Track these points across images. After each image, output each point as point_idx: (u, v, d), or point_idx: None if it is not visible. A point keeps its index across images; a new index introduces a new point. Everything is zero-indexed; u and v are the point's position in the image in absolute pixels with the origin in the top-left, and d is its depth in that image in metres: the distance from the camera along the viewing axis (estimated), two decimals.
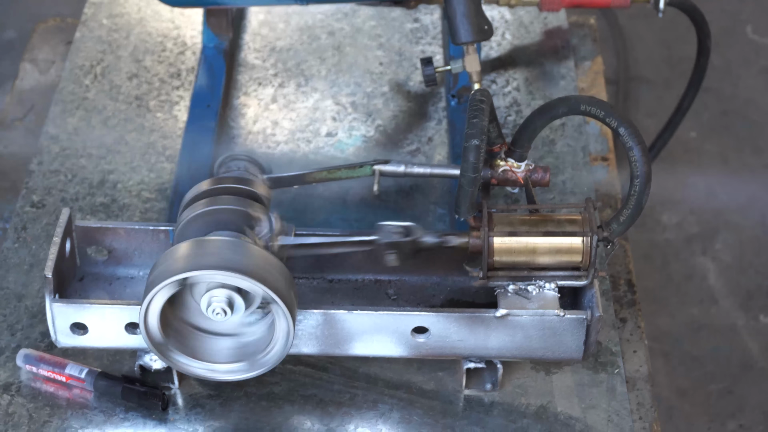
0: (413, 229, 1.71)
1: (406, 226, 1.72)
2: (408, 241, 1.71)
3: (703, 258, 3.07)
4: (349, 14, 2.36)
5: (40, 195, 2.02)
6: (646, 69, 3.52)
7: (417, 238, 1.71)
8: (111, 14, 2.35)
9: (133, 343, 1.70)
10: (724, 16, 3.67)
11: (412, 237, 1.71)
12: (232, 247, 1.61)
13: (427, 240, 1.71)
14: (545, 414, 1.74)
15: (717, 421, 2.76)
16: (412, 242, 1.71)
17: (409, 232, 1.71)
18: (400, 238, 1.71)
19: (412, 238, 1.71)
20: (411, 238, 1.71)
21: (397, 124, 2.16)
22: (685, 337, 2.92)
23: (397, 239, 1.71)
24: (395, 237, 1.71)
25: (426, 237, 1.71)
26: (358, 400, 1.75)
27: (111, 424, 1.71)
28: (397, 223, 1.72)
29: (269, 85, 2.23)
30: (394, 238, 1.71)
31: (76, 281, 1.79)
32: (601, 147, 2.15)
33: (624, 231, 1.67)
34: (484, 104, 1.65)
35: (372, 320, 1.68)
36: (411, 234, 1.71)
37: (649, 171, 1.62)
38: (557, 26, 2.33)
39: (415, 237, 1.71)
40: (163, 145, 2.10)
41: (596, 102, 1.65)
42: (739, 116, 3.41)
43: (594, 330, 1.67)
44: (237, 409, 1.73)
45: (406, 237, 1.71)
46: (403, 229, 1.72)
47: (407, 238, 1.71)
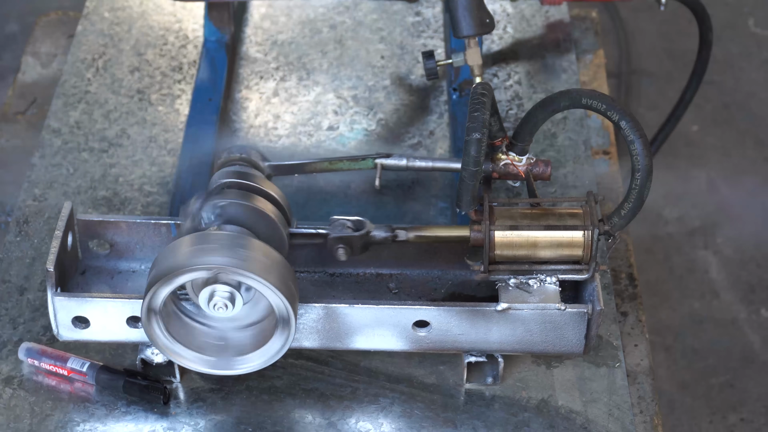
0: (363, 224, 1.72)
1: (357, 220, 1.72)
2: (358, 236, 1.71)
3: (705, 251, 3.07)
4: (351, 7, 2.36)
5: (42, 188, 2.02)
6: (648, 62, 3.51)
7: (367, 233, 1.71)
8: (113, 7, 2.35)
9: (134, 337, 1.70)
10: (726, 9, 3.67)
11: (362, 231, 1.71)
12: (234, 242, 1.61)
13: (377, 234, 1.72)
14: (546, 408, 1.74)
15: (718, 415, 2.76)
16: (362, 237, 1.71)
17: (360, 226, 1.72)
18: (350, 233, 1.71)
19: (362, 232, 1.71)
20: (361, 233, 1.71)
21: (399, 118, 2.16)
22: (686, 331, 2.92)
23: (347, 233, 1.71)
24: (346, 231, 1.71)
25: (376, 231, 1.71)
26: (359, 393, 1.75)
27: (113, 417, 1.72)
28: (348, 218, 1.72)
29: (271, 79, 2.23)
30: (345, 233, 1.71)
31: (78, 275, 1.79)
32: (602, 140, 2.15)
33: (625, 225, 1.67)
34: (486, 98, 1.65)
35: (373, 314, 1.68)
36: (361, 228, 1.71)
37: (650, 164, 1.62)
38: (559, 19, 2.33)
39: (365, 231, 1.71)
40: (165, 138, 2.11)
41: (598, 95, 1.65)
42: (740, 109, 3.41)
43: (595, 324, 1.68)
44: (238, 402, 1.73)
45: (357, 231, 1.71)
46: (353, 223, 1.72)
47: (357, 232, 1.71)
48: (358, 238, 1.71)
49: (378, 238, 1.72)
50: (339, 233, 1.71)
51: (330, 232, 1.71)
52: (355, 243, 1.71)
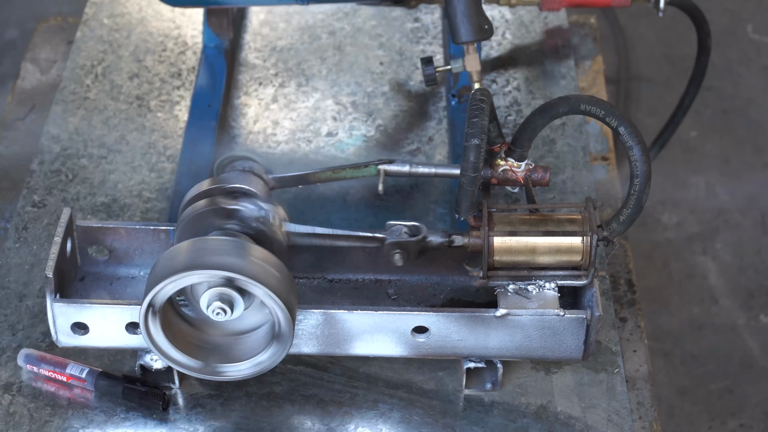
0: (420, 229, 1.72)
1: (413, 226, 1.72)
2: (414, 241, 1.71)
3: (704, 257, 3.07)
4: (350, 14, 2.37)
5: (41, 195, 2.02)
6: (647, 68, 3.52)
7: (423, 238, 1.71)
8: (112, 14, 2.35)
9: (133, 343, 1.70)
10: (725, 15, 3.67)
11: (418, 237, 1.71)
12: (232, 247, 1.61)
13: (434, 240, 1.71)
14: (545, 413, 1.74)
15: (717, 420, 2.76)
16: (419, 242, 1.71)
17: (416, 231, 1.72)
18: (407, 238, 1.71)
19: (419, 237, 1.71)
20: (418, 238, 1.71)
21: (398, 124, 2.16)
22: (685, 337, 2.92)
23: (404, 239, 1.71)
24: (403, 236, 1.71)
25: (432, 237, 1.71)
26: (358, 399, 1.75)
27: (112, 423, 1.72)
28: (404, 223, 1.72)
29: (270, 85, 2.23)
30: (402, 238, 1.71)
31: (77, 281, 1.79)
32: (601, 146, 2.15)
33: (624, 230, 1.67)
34: (485, 104, 1.66)
35: (372, 320, 1.68)
36: (417, 233, 1.71)
37: (649, 170, 1.62)
38: (558, 25, 2.33)
39: (421, 236, 1.71)
40: (164, 144, 2.11)
41: (596, 101, 1.65)
42: (739, 115, 3.41)
43: (594, 329, 1.68)
44: (237, 408, 1.73)
45: (413, 236, 1.71)
46: (410, 228, 1.72)
47: (414, 237, 1.71)
48: (415, 244, 1.71)
49: (434, 243, 1.71)
50: (396, 238, 1.71)
51: (387, 237, 1.71)
52: (412, 248, 1.71)
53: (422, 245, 1.71)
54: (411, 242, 1.71)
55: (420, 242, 1.71)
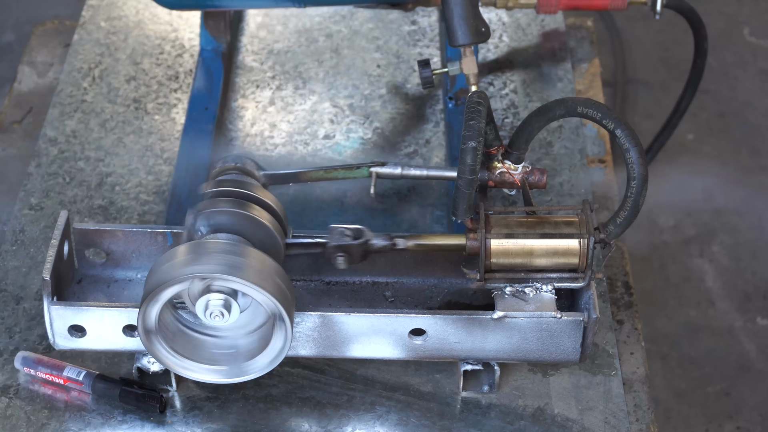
0: (362, 232, 1.72)
1: (356, 229, 1.72)
2: (357, 244, 1.71)
3: (701, 260, 3.07)
4: (347, 17, 2.37)
5: (38, 197, 2.02)
6: (644, 71, 3.52)
7: (366, 241, 1.71)
8: (109, 17, 2.35)
9: (131, 346, 1.70)
10: (722, 18, 3.67)
11: (361, 239, 1.71)
12: (229, 250, 1.61)
13: (376, 242, 1.71)
14: (542, 416, 1.74)
15: (714, 423, 2.77)
16: (362, 245, 1.71)
17: (359, 234, 1.71)
18: (349, 241, 1.71)
19: (362, 240, 1.71)
20: (360, 241, 1.71)
21: (395, 127, 2.17)
22: (682, 339, 2.92)
23: (346, 242, 1.71)
24: (345, 239, 1.71)
25: (375, 239, 1.71)
26: (355, 402, 1.75)
27: (109, 426, 1.72)
28: (346, 226, 1.72)
29: (267, 88, 2.23)
30: (344, 241, 1.71)
31: (74, 284, 1.79)
32: (598, 149, 2.15)
33: (621, 233, 1.67)
34: (482, 106, 1.66)
35: (369, 322, 1.68)
36: (360, 236, 1.71)
37: (645, 173, 1.63)
38: (554, 28, 2.34)
39: (364, 239, 1.71)
40: (161, 147, 2.11)
41: (593, 104, 1.65)
42: (736, 118, 3.41)
43: (591, 332, 1.68)
44: (235, 411, 1.73)
45: (356, 239, 1.71)
46: (352, 231, 1.72)
47: (356, 240, 1.71)
48: (357, 246, 1.71)
49: (377, 246, 1.72)
50: (338, 241, 1.71)
51: (329, 241, 1.71)
52: (354, 251, 1.71)
53: (365, 248, 1.71)
54: (353, 245, 1.71)
55: (363, 245, 1.71)
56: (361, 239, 1.71)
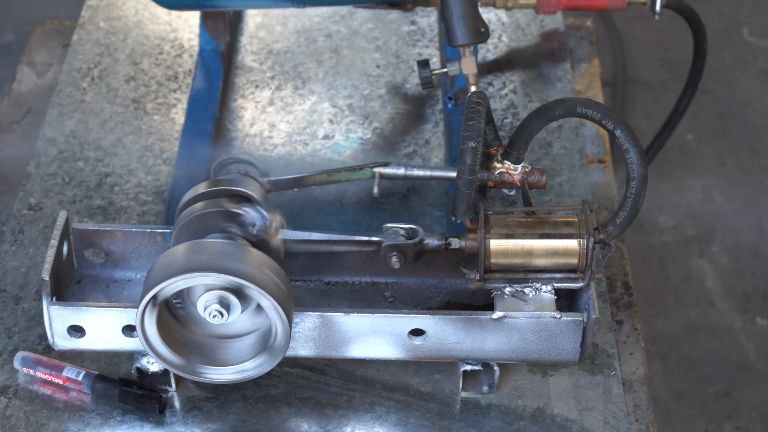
0: (417, 232, 1.72)
1: (410, 228, 1.72)
2: (411, 244, 1.71)
3: (700, 260, 3.07)
4: (346, 17, 2.37)
5: (37, 198, 2.02)
6: (643, 71, 3.52)
7: (420, 241, 1.71)
8: (108, 17, 2.35)
9: (130, 346, 1.70)
10: (721, 18, 3.67)
11: (415, 239, 1.71)
12: (228, 250, 1.61)
13: (430, 242, 1.71)
14: (542, 416, 1.74)
15: (714, 423, 2.76)
16: (416, 245, 1.71)
17: (413, 234, 1.72)
18: (404, 241, 1.71)
19: (416, 240, 1.71)
20: (415, 241, 1.71)
21: (394, 127, 2.17)
22: (682, 340, 2.92)
23: (401, 241, 1.71)
24: (399, 239, 1.71)
25: (429, 239, 1.71)
26: (355, 402, 1.75)
27: (108, 426, 1.72)
28: (401, 225, 1.72)
29: (266, 88, 2.23)
30: (399, 240, 1.71)
31: (74, 284, 1.79)
32: (597, 149, 2.15)
33: (620, 233, 1.67)
34: (481, 106, 1.66)
35: (369, 322, 1.68)
36: (414, 236, 1.71)
37: (645, 173, 1.62)
38: (554, 28, 2.34)
39: (418, 239, 1.71)
40: (161, 147, 2.11)
41: (593, 104, 1.65)
42: (735, 119, 3.41)
43: (590, 332, 1.68)
44: (234, 411, 1.73)
45: (410, 239, 1.71)
46: (406, 231, 1.72)
47: (411, 240, 1.71)
48: (412, 246, 1.71)
49: (431, 246, 1.71)
50: (393, 241, 1.71)
51: (384, 240, 1.71)
52: (409, 251, 1.71)
53: (419, 248, 1.71)
54: (408, 245, 1.71)
55: (417, 245, 1.71)
56: (416, 239, 1.71)
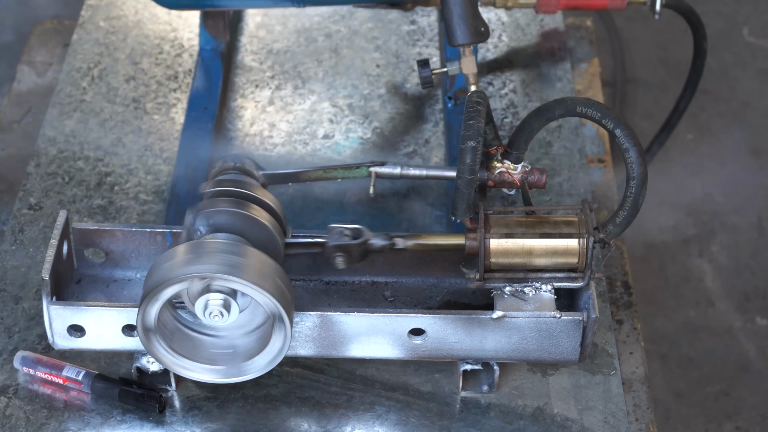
0: (361, 231, 1.72)
1: (355, 228, 1.72)
2: (356, 244, 1.71)
3: (700, 260, 3.07)
4: (346, 16, 2.37)
5: (37, 197, 2.02)
6: (643, 71, 3.52)
7: (365, 241, 1.71)
8: (108, 17, 2.35)
9: (130, 346, 1.70)
10: (721, 18, 3.67)
11: (360, 239, 1.71)
12: (229, 250, 1.61)
13: (376, 242, 1.71)
14: (542, 415, 1.74)
15: (714, 423, 2.76)
16: (361, 244, 1.71)
17: (358, 234, 1.71)
18: (348, 241, 1.71)
19: (361, 240, 1.71)
20: (359, 240, 1.71)
21: (394, 126, 2.17)
22: (681, 339, 2.92)
23: (345, 241, 1.71)
24: (344, 239, 1.71)
25: (374, 239, 1.71)
26: (355, 402, 1.75)
27: (108, 426, 1.72)
28: (346, 225, 1.72)
29: (266, 88, 2.23)
30: (343, 240, 1.71)
31: (74, 283, 1.79)
32: (597, 149, 2.15)
33: (620, 233, 1.67)
34: (481, 106, 1.66)
35: (369, 322, 1.68)
36: (359, 236, 1.71)
37: (645, 173, 1.63)
38: (554, 28, 2.34)
39: (363, 239, 1.71)
40: (161, 147, 2.11)
41: (593, 104, 1.65)
42: (735, 118, 3.41)
43: (590, 332, 1.68)
44: (234, 411, 1.73)
45: (355, 239, 1.71)
46: (351, 231, 1.72)
47: (356, 240, 1.71)
48: (356, 246, 1.71)
49: (376, 246, 1.72)
50: (337, 241, 1.71)
51: (328, 240, 1.71)
52: (354, 251, 1.71)
53: (364, 248, 1.71)
54: (353, 245, 1.71)
55: (362, 245, 1.71)
56: (360, 239, 1.71)
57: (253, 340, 1.68)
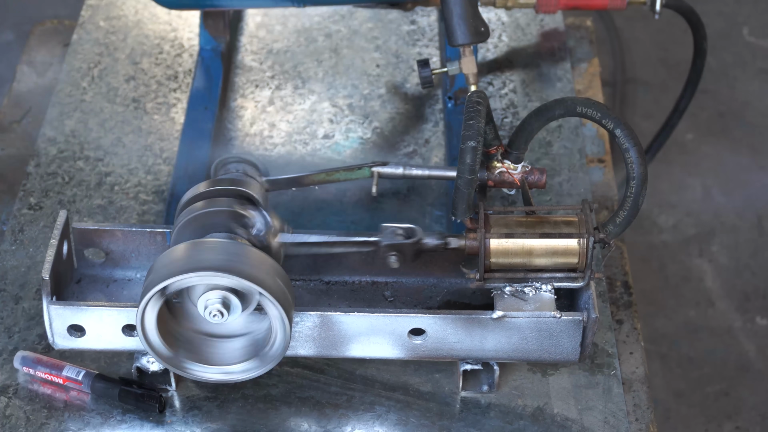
0: (415, 231, 1.72)
1: (408, 228, 1.72)
2: (410, 243, 1.71)
3: (700, 260, 3.07)
4: (346, 16, 2.37)
5: (37, 197, 2.02)
6: (643, 71, 3.52)
7: (419, 240, 1.71)
8: (108, 16, 2.35)
9: (130, 345, 1.70)
10: (721, 18, 3.67)
11: (414, 239, 1.71)
12: (229, 249, 1.61)
13: (429, 242, 1.71)
14: (542, 416, 1.74)
15: (714, 423, 2.76)
16: (414, 244, 1.71)
17: (411, 233, 1.72)
18: (402, 240, 1.71)
19: (414, 239, 1.71)
20: (413, 240, 1.71)
21: (394, 126, 2.17)
22: (681, 339, 2.92)
23: (399, 241, 1.71)
24: (397, 239, 1.71)
25: (427, 239, 1.71)
26: (355, 402, 1.75)
27: (108, 426, 1.72)
28: (399, 225, 1.72)
29: (266, 88, 2.23)
30: (397, 240, 1.71)
31: (74, 283, 1.79)
32: (597, 149, 2.15)
33: (620, 233, 1.67)
34: (481, 106, 1.66)
35: (369, 322, 1.68)
36: (413, 236, 1.71)
37: (645, 173, 1.63)
38: (554, 28, 2.34)
39: (417, 239, 1.71)
40: (161, 147, 2.11)
41: (593, 104, 1.65)
42: (735, 118, 3.41)
43: (590, 332, 1.68)
44: (234, 411, 1.73)
45: (408, 239, 1.71)
46: (404, 230, 1.72)
47: (409, 239, 1.71)
48: (410, 246, 1.71)
49: (429, 245, 1.71)
50: (390, 240, 1.71)
51: (381, 240, 1.71)
52: (407, 250, 1.71)
53: (417, 247, 1.71)
54: (406, 244, 1.71)
55: (415, 244, 1.71)
56: (414, 238, 1.71)
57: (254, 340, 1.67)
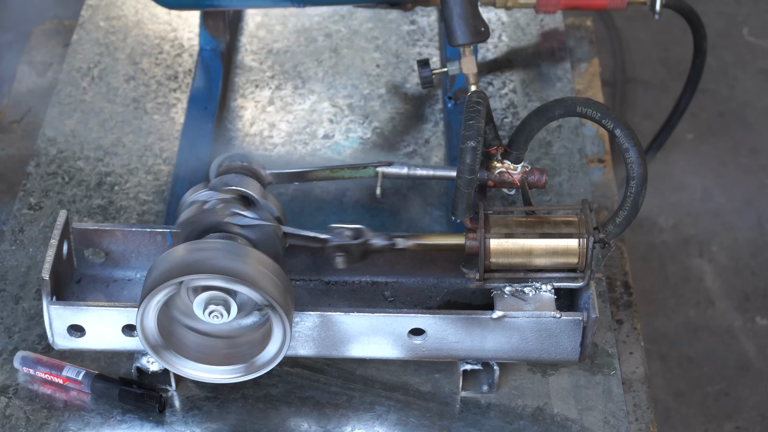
0: (362, 232, 1.72)
1: (356, 229, 1.72)
2: (356, 244, 1.71)
3: (700, 260, 3.07)
4: (346, 16, 2.37)
5: (37, 197, 2.02)
6: (643, 71, 3.52)
7: (365, 241, 1.71)
8: (108, 16, 2.35)
9: (130, 346, 1.70)
10: (721, 17, 3.67)
11: (360, 239, 1.71)
12: (229, 251, 1.61)
13: (376, 242, 1.71)
14: (542, 416, 1.74)
15: (713, 423, 2.76)
16: (361, 245, 1.71)
17: (359, 234, 1.72)
18: (349, 240, 1.71)
19: (361, 240, 1.71)
20: (360, 241, 1.71)
21: (394, 126, 2.17)
22: (681, 339, 2.92)
23: (346, 241, 1.71)
24: (344, 239, 1.71)
25: (375, 239, 1.71)
26: (355, 402, 1.75)
27: (108, 426, 1.72)
28: (347, 226, 1.72)
29: (266, 88, 2.23)
30: (344, 240, 1.71)
31: (74, 283, 1.79)
32: (597, 149, 2.15)
33: (620, 233, 1.67)
34: (481, 106, 1.66)
35: (369, 322, 1.68)
36: (360, 236, 1.71)
37: (645, 173, 1.63)
38: (554, 28, 2.34)
39: (363, 239, 1.71)
40: (161, 147, 2.11)
41: (592, 104, 1.65)
42: (735, 118, 3.41)
43: (590, 331, 1.68)
44: (234, 411, 1.73)
45: (356, 239, 1.71)
46: (352, 231, 1.72)
47: (356, 240, 1.71)
48: (357, 246, 1.71)
49: (376, 246, 1.72)
50: (338, 241, 1.71)
51: (329, 240, 1.71)
52: (354, 251, 1.71)
53: (365, 248, 1.71)
54: (353, 245, 1.71)
55: (362, 245, 1.71)
56: (361, 239, 1.71)
57: (253, 340, 1.67)
